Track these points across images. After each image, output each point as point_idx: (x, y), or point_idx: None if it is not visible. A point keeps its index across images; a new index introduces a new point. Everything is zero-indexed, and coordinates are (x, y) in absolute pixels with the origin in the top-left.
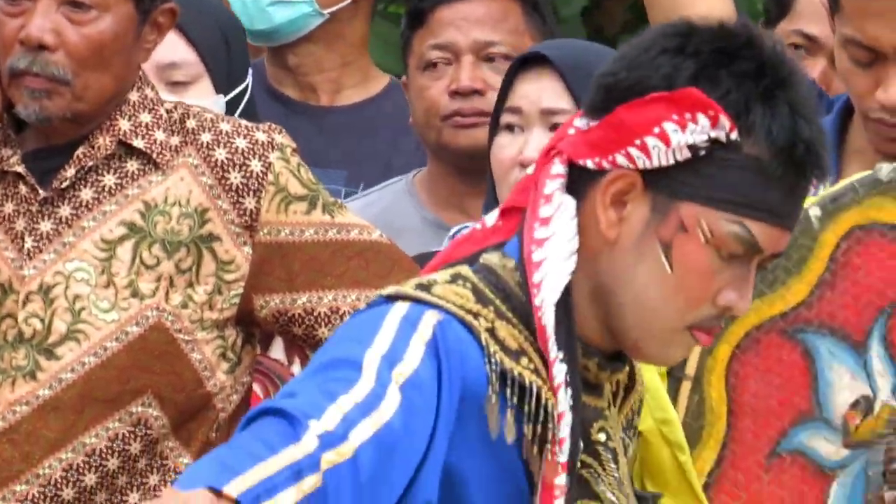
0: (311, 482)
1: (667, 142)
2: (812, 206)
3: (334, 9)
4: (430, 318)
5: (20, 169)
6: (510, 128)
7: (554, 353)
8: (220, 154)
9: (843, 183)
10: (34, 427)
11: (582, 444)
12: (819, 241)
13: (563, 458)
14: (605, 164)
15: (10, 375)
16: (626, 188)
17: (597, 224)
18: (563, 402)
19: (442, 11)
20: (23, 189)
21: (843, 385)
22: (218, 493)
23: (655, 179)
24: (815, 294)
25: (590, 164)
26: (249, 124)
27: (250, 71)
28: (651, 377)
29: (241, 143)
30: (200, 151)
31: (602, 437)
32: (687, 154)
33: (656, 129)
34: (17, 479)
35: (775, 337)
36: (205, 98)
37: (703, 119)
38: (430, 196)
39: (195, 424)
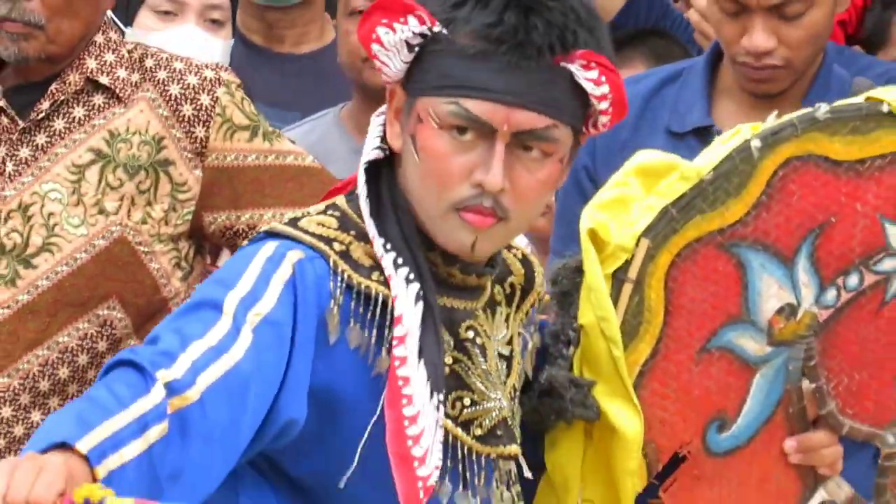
0: (157, 430)
1: (382, 44)
2: (754, 137)
3: None
4: (292, 257)
5: (1, 103)
6: None
7: (380, 251)
8: (174, 89)
9: (784, 118)
10: (14, 328)
11: (452, 340)
12: (758, 168)
13: (405, 352)
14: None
15: None
16: (398, 102)
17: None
18: (401, 297)
19: None
20: (4, 120)
21: (770, 294)
22: (71, 447)
23: (408, 87)
24: (751, 214)
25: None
26: (199, 63)
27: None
28: (595, 278)
29: (192, 79)
30: (157, 87)
31: (470, 334)
32: (406, 52)
33: (374, 36)
34: (0, 372)
35: (712, 249)
36: (227, 42)
37: (412, 20)
38: (356, 126)
39: (153, 325)
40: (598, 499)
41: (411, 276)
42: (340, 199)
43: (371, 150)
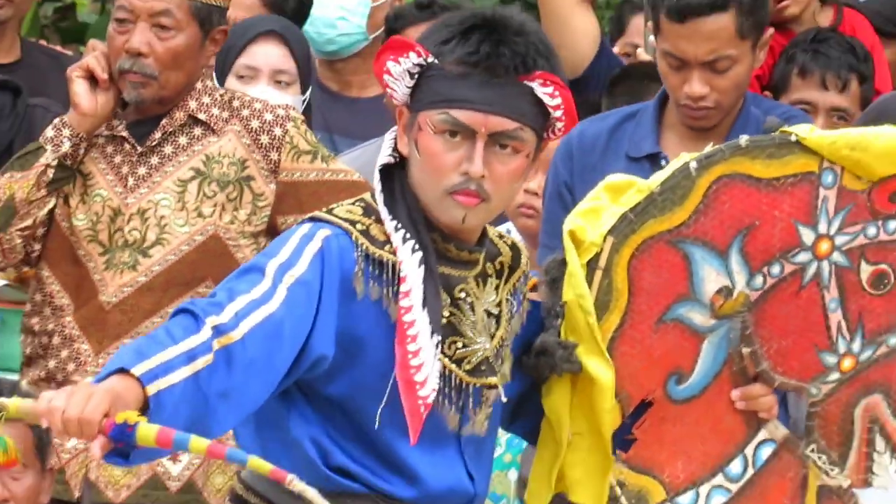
0: (203, 360)
1: (391, 74)
2: (692, 160)
3: (373, 35)
4: (321, 234)
5: (125, 133)
6: None
7: (390, 229)
8: (255, 124)
9: (715, 147)
10: (135, 302)
11: (449, 299)
12: (696, 183)
13: (410, 303)
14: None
15: (119, 268)
16: (404, 119)
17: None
18: (406, 261)
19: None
20: (126, 146)
21: (710, 279)
22: (127, 372)
23: (413, 107)
24: (692, 218)
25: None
26: (273, 104)
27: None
28: (574, 267)
29: (268, 116)
30: (242, 122)
31: (462, 295)
32: (408, 79)
33: (385, 69)
34: (125, 335)
35: (663, 245)
36: (295, 96)
37: (412, 54)
38: None
39: None
40: (585, 431)
41: (416, 247)
42: (367, 195)
43: (385, 157)
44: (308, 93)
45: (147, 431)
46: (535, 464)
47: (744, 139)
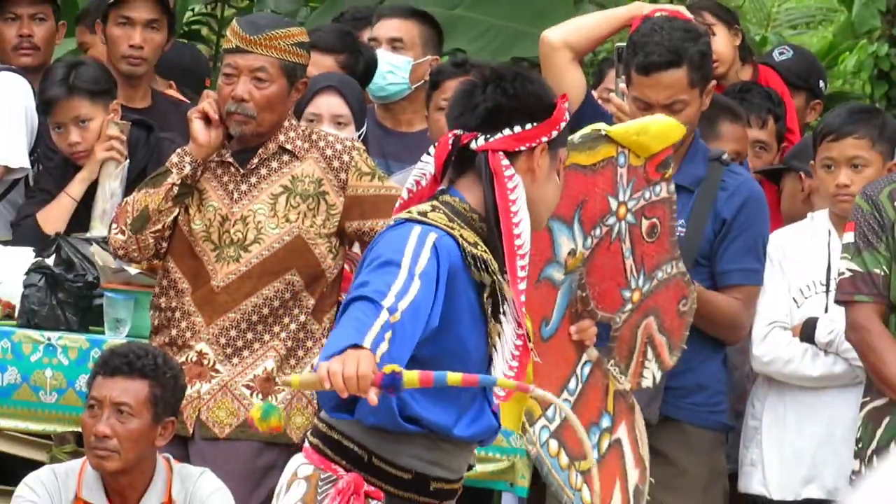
0: (389, 334)
1: (565, 119)
2: None
3: (415, 85)
4: (433, 235)
5: (230, 159)
6: None
7: (525, 248)
8: (329, 152)
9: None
10: (237, 286)
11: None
12: None
13: (522, 286)
14: (532, 146)
15: (226, 261)
16: (542, 151)
17: (526, 172)
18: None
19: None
20: (232, 169)
21: (564, 245)
22: (359, 346)
23: (551, 144)
24: None
25: (522, 148)
26: (343, 136)
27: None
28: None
29: (338, 146)
30: (319, 151)
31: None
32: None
33: (564, 117)
34: (229, 311)
35: None
36: (351, 134)
37: (566, 106)
38: None
39: (316, 285)
40: None
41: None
42: (434, 203)
43: (522, 192)
44: (364, 129)
45: (411, 376)
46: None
47: (576, 137)
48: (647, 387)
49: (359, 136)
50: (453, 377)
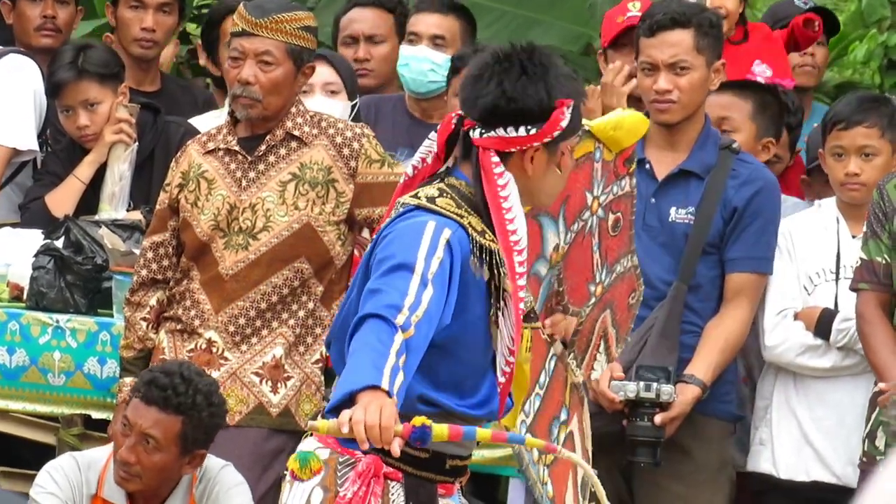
0: (403, 358)
1: (561, 128)
2: None
3: None
4: (447, 232)
5: (236, 146)
6: None
7: (522, 244)
8: (338, 139)
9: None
10: (246, 273)
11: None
12: None
13: (521, 282)
14: (523, 147)
15: (235, 248)
16: (535, 152)
17: (519, 170)
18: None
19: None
20: (239, 157)
21: (551, 240)
22: (377, 388)
23: (548, 143)
24: None
25: (514, 150)
26: (352, 124)
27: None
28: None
29: (348, 133)
30: (328, 137)
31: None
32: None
33: (559, 126)
34: (238, 298)
35: (530, 219)
36: (344, 102)
37: (566, 110)
38: None
39: (325, 272)
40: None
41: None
42: (441, 186)
43: (515, 190)
44: (357, 101)
45: (440, 430)
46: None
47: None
48: (595, 378)
49: (353, 109)
50: (483, 434)
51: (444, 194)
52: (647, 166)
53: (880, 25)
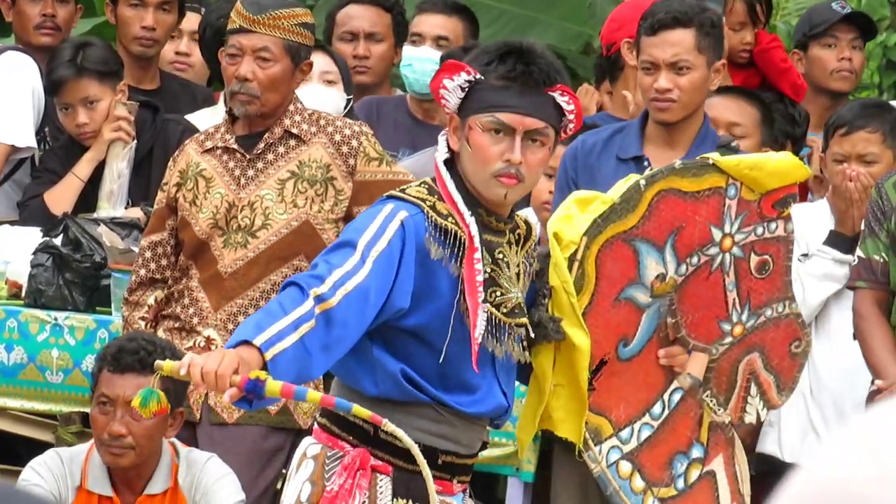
0: (306, 326)
1: (446, 88)
2: (641, 179)
3: None
4: (402, 214)
5: (234, 145)
6: None
7: (462, 208)
8: (337, 137)
9: (657, 169)
10: (245, 272)
11: (490, 259)
12: (643, 196)
13: (478, 266)
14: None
15: (234, 246)
16: (454, 123)
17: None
18: (472, 229)
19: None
20: (238, 155)
21: (651, 268)
22: (250, 343)
23: (461, 113)
24: (640, 222)
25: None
26: (351, 121)
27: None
28: (559, 259)
29: (347, 131)
30: (327, 135)
31: (500, 255)
32: (459, 93)
33: (441, 84)
34: (236, 296)
35: (620, 242)
36: (340, 92)
37: (463, 73)
38: None
39: None
40: (566, 383)
41: (474, 220)
42: (429, 180)
43: (443, 153)
44: (351, 96)
45: (273, 386)
46: (524, 407)
47: (678, 163)
48: (749, 422)
49: (348, 102)
50: (312, 395)
51: (422, 184)
52: (646, 164)
53: (880, 25)
